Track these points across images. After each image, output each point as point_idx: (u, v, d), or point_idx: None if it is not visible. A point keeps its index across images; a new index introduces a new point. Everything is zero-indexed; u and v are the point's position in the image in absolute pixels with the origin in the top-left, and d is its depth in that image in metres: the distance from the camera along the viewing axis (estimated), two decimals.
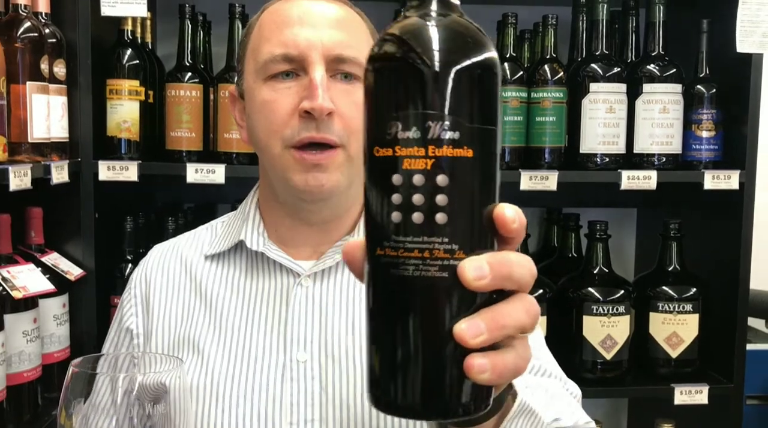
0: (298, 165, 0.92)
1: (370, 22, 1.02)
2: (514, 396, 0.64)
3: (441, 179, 0.48)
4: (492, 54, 0.51)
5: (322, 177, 0.92)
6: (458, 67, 0.49)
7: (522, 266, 0.52)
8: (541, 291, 1.77)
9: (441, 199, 0.48)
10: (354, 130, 0.93)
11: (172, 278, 1.05)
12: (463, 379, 0.49)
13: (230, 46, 1.76)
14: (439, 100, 0.48)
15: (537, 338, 1.01)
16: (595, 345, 1.76)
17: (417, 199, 0.48)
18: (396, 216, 0.49)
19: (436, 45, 0.49)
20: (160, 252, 1.09)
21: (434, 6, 0.52)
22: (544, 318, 1.76)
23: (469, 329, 0.49)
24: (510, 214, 0.51)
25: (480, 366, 0.49)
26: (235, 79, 1.04)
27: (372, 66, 0.52)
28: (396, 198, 0.49)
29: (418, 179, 0.48)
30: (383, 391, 0.51)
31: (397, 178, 0.49)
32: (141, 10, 1.65)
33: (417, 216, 0.48)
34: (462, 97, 0.49)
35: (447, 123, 0.48)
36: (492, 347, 0.51)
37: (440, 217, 0.48)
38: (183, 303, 1.03)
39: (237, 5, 1.74)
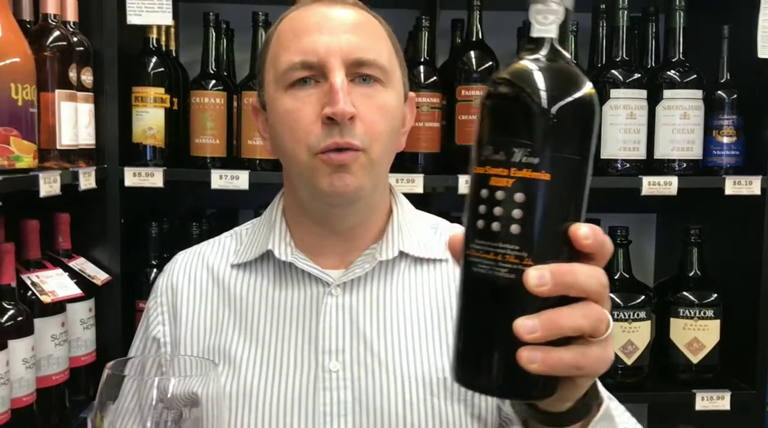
0: (326, 167, 0.91)
1: (390, 28, 1.02)
2: (599, 405, 0.68)
3: (518, 196, 0.56)
4: (577, 97, 0.58)
5: (347, 177, 0.92)
6: (536, 105, 0.57)
7: (589, 277, 0.57)
8: None
9: (516, 213, 0.56)
10: (375, 134, 0.93)
11: (200, 286, 1.05)
12: (519, 367, 0.57)
13: (254, 54, 1.78)
14: (522, 131, 0.57)
15: None
16: (616, 351, 1.76)
17: (497, 211, 0.57)
18: (480, 223, 0.58)
19: (525, 87, 0.58)
20: (185, 260, 1.08)
21: (543, 52, 0.60)
22: None
23: (524, 326, 0.56)
24: (583, 232, 0.57)
25: (529, 358, 0.56)
26: (258, 91, 1.04)
27: (480, 101, 0.61)
28: (482, 208, 0.58)
29: (499, 194, 0.57)
30: (458, 368, 0.60)
31: (484, 192, 0.58)
32: (166, 19, 1.68)
33: (495, 225, 0.57)
34: (543, 130, 0.57)
35: (528, 150, 0.56)
36: (559, 342, 0.57)
37: (514, 228, 0.56)
38: (212, 312, 1.02)
39: (260, 13, 1.76)
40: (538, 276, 0.55)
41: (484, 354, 0.58)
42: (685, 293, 1.83)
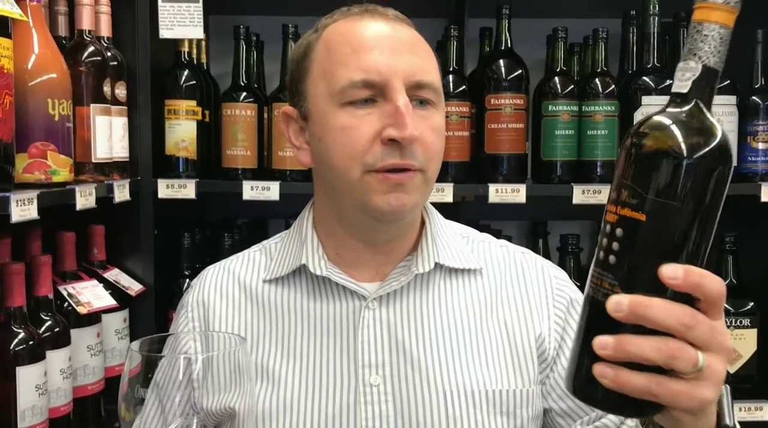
0: (382, 185, 0.91)
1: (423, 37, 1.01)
2: None
3: (618, 231, 0.63)
4: (680, 150, 0.62)
5: (404, 196, 0.91)
6: (637, 152, 0.64)
7: (664, 312, 0.61)
8: None
9: (615, 245, 0.63)
10: (432, 154, 0.93)
11: (232, 301, 1.04)
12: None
13: (284, 66, 1.79)
14: (628, 175, 0.64)
15: None
16: None
17: (605, 242, 0.65)
18: (597, 250, 0.66)
19: (633, 135, 0.65)
20: (214, 275, 1.07)
21: (673, 106, 0.66)
22: None
23: (600, 341, 0.63)
24: (668, 271, 0.61)
25: (601, 372, 0.63)
26: (292, 99, 1.01)
27: None
28: (599, 238, 0.66)
29: (608, 228, 0.64)
30: (567, 377, 0.68)
31: (602, 225, 0.66)
32: (198, 32, 1.70)
33: (602, 254, 0.65)
34: (642, 175, 0.63)
35: (631, 192, 0.63)
36: (657, 369, 0.63)
37: (612, 258, 0.64)
38: (247, 328, 1.02)
39: (290, 25, 1.78)
40: (615, 303, 0.62)
41: (579, 365, 0.66)
42: None
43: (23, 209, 1.11)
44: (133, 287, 1.66)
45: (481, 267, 1.04)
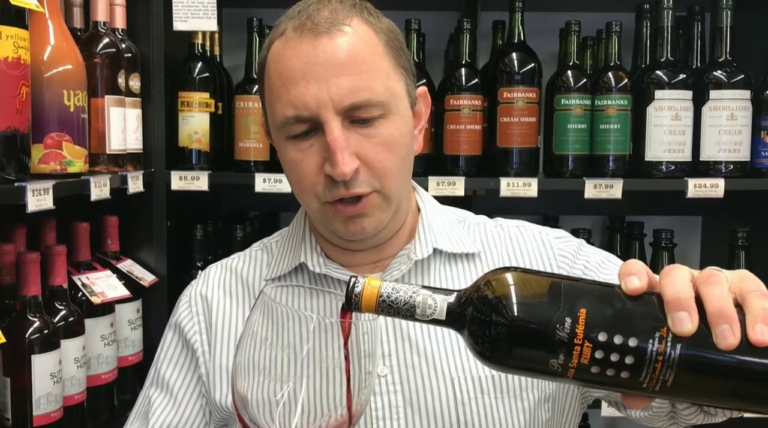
0: (338, 215, 0.92)
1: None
2: None
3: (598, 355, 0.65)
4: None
5: (363, 221, 0.92)
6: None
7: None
8: None
9: (613, 356, 0.64)
10: (384, 172, 0.90)
11: (236, 298, 1.04)
12: None
13: None
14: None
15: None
16: None
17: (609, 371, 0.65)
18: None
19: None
20: (216, 274, 1.08)
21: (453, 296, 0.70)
22: None
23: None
24: (629, 285, 0.66)
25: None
26: (264, 114, 0.99)
27: None
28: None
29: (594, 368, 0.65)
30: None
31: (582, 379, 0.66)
32: (211, 25, 1.71)
33: (624, 374, 0.65)
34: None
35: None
36: None
37: (628, 361, 0.64)
38: None
39: None
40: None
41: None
42: None
43: (39, 199, 1.13)
44: (146, 278, 1.67)
45: (479, 251, 1.03)
